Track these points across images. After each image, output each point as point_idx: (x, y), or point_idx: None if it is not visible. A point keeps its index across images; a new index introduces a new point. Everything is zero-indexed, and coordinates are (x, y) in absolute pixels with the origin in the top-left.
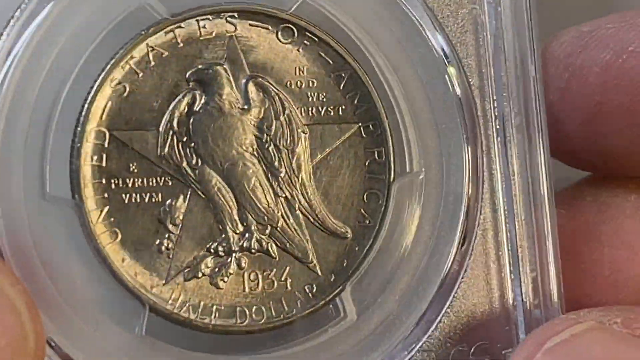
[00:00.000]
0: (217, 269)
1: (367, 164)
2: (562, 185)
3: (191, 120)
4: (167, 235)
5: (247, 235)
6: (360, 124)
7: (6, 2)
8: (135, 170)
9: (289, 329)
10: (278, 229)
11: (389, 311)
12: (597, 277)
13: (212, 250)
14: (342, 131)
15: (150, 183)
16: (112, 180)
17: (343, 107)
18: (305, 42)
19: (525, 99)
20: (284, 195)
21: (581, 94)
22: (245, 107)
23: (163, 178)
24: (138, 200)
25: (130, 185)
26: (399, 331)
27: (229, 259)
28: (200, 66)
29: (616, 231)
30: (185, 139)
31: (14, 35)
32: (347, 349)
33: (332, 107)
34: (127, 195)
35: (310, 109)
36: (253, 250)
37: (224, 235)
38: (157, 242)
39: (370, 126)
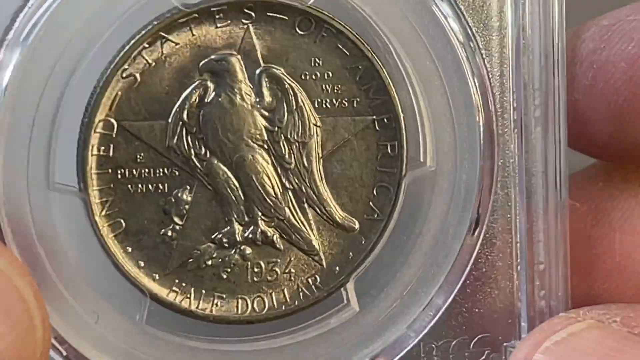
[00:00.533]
0: (220, 260)
1: (378, 157)
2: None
3: (201, 111)
4: (171, 226)
5: (252, 227)
6: (374, 117)
7: None
8: (143, 161)
9: (290, 319)
10: (285, 221)
11: (392, 303)
12: (608, 263)
13: (216, 242)
14: (356, 124)
15: (157, 173)
16: (119, 171)
17: (358, 99)
18: (323, 33)
19: (547, 92)
20: (292, 188)
21: (608, 90)
22: (258, 99)
23: (170, 169)
24: (144, 190)
25: (136, 175)
26: (401, 322)
27: (233, 250)
28: (213, 57)
29: (627, 217)
30: (194, 130)
31: (25, 22)
32: (349, 339)
33: (346, 100)
34: (133, 185)
35: (324, 100)
36: (258, 242)
37: (229, 227)
38: (162, 232)
39: (385, 119)
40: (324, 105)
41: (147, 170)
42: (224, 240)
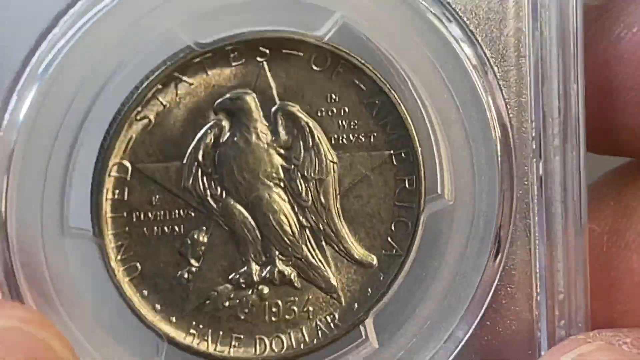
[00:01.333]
0: (237, 301)
1: (396, 192)
2: None
3: (217, 152)
4: (187, 268)
5: (269, 266)
6: (391, 152)
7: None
8: (158, 203)
9: (309, 357)
10: (302, 259)
11: (411, 338)
12: (627, 284)
13: (233, 282)
14: (373, 159)
15: (173, 215)
16: (134, 214)
17: (375, 134)
18: (339, 69)
19: (566, 121)
20: (309, 226)
21: None
22: (274, 137)
23: (186, 210)
24: (159, 232)
25: (152, 218)
26: (421, 358)
27: (251, 291)
28: (228, 96)
29: None
30: (210, 170)
31: (37, 64)
32: None
33: (363, 135)
34: (149, 228)
35: (341, 136)
36: (275, 282)
37: (246, 267)
38: (178, 274)
39: (402, 154)
40: (340, 142)
41: (162, 212)
42: (241, 280)
